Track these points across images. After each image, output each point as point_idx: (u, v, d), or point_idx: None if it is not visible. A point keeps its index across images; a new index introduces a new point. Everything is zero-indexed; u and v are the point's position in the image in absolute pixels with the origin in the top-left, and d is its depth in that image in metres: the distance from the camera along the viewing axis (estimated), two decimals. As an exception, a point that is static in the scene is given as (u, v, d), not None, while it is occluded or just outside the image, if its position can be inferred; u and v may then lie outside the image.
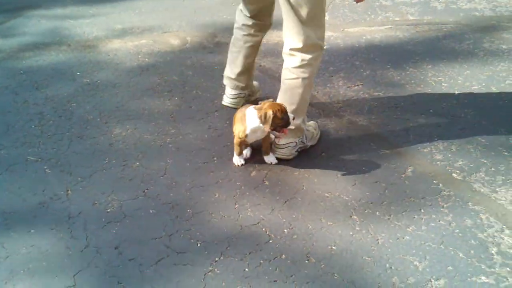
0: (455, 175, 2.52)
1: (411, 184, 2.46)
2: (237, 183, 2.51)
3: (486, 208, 2.30)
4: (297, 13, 2.38)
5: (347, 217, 2.27)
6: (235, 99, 3.06)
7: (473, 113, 3.00)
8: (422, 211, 2.30)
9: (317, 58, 2.53)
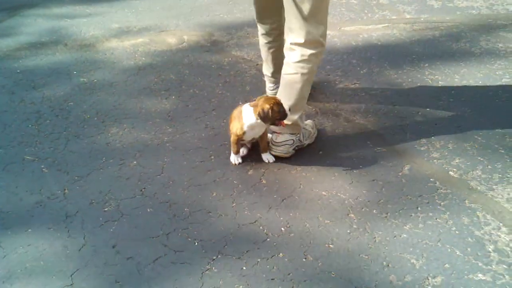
0: (452, 173, 2.52)
1: (408, 182, 2.46)
2: (234, 182, 2.51)
3: (483, 206, 2.30)
4: (299, 8, 2.39)
5: (344, 216, 2.28)
6: (274, 91, 3.10)
7: (470, 111, 3.00)
8: (419, 209, 2.30)
9: (317, 55, 2.54)
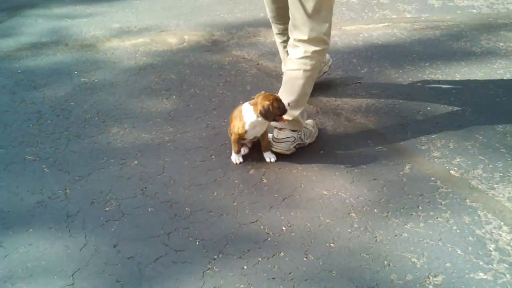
0: (453, 172, 2.52)
1: (409, 182, 2.46)
2: (235, 181, 2.51)
3: (484, 205, 2.30)
4: (303, 5, 2.42)
5: (345, 215, 2.27)
6: None
7: (471, 110, 3.00)
8: (420, 208, 2.30)
9: (321, 52, 2.55)
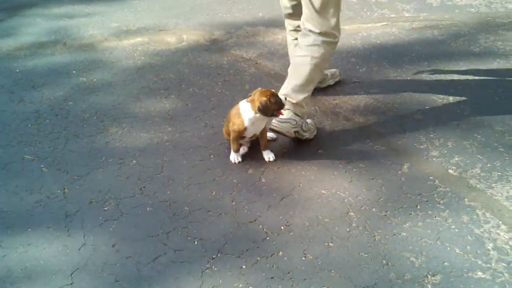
0: (451, 171, 2.52)
1: (407, 181, 2.47)
2: (234, 181, 2.51)
3: (482, 204, 2.30)
4: (312, 2, 2.51)
5: (344, 214, 2.28)
6: None
7: (469, 109, 3.00)
8: (419, 207, 2.30)
9: (330, 44, 2.61)
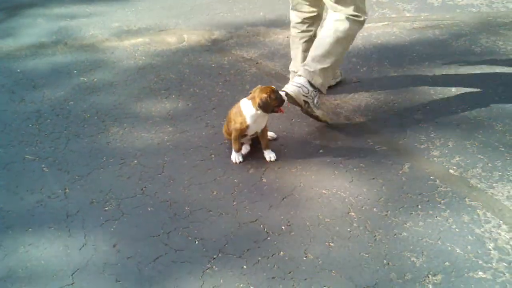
0: (452, 171, 2.52)
1: (408, 181, 2.46)
2: (235, 181, 2.51)
3: (483, 203, 2.30)
4: None
5: (345, 214, 2.28)
6: None
7: (470, 109, 3.00)
8: (419, 207, 2.30)
9: (355, 21, 2.66)
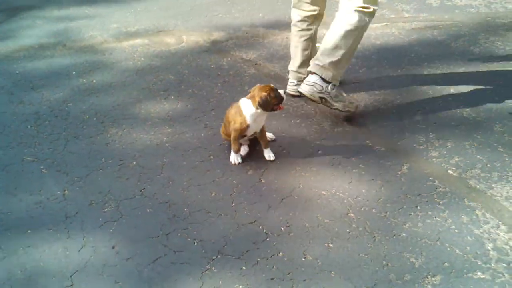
0: (450, 171, 2.52)
1: (407, 181, 2.47)
2: (234, 182, 2.51)
3: (482, 204, 2.31)
4: None
5: (344, 215, 2.28)
6: (295, 87, 3.18)
7: (469, 109, 3.00)
8: (418, 208, 2.30)
9: (364, 14, 2.66)
